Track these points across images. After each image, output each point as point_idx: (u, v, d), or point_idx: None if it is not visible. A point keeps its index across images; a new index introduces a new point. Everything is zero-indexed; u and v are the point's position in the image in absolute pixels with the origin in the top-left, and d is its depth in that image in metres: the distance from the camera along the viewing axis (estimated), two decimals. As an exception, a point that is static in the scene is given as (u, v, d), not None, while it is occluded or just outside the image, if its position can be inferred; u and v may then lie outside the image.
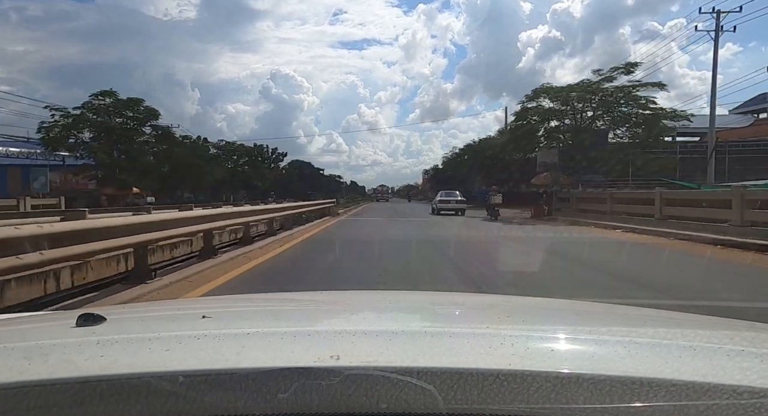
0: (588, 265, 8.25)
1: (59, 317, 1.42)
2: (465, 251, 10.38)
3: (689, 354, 0.78)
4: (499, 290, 5.76)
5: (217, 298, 2.12)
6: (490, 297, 2.03)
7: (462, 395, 0.61)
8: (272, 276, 7.23)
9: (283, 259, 8.87)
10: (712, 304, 4.95)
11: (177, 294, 5.68)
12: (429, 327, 1.13)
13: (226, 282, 6.44)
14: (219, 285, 6.22)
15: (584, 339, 0.93)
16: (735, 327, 1.19)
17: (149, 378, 0.63)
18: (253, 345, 0.80)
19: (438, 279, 6.62)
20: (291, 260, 8.90)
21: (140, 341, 0.83)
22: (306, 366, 0.64)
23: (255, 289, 5.97)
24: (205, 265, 7.61)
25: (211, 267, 7.51)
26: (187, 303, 1.77)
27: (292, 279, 6.86)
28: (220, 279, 6.55)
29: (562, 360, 0.75)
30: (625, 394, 0.62)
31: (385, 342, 0.80)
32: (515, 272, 6.99)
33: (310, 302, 1.58)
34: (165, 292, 5.76)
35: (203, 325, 1.00)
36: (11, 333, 1.06)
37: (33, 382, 0.64)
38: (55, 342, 0.85)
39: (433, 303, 1.57)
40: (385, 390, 0.60)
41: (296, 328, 1.00)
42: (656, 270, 7.75)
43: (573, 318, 1.31)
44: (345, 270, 7.66)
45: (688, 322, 1.28)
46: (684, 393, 0.62)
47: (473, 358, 0.73)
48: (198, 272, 7.02)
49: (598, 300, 1.93)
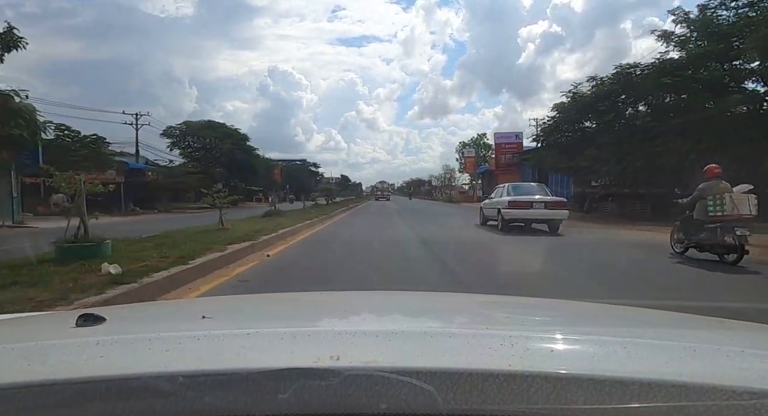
0: None
1: (59, 317, 1.42)
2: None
3: (689, 354, 0.78)
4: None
5: (217, 298, 2.12)
6: (490, 297, 2.03)
7: (462, 395, 0.61)
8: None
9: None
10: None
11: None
12: (429, 327, 1.13)
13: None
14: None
15: (584, 339, 0.93)
16: (735, 328, 1.19)
17: (149, 378, 0.63)
18: (253, 345, 0.79)
19: None
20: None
21: (140, 341, 0.83)
22: (306, 366, 0.64)
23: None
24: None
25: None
26: (187, 303, 1.77)
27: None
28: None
29: (562, 360, 0.75)
30: (625, 394, 0.62)
31: (385, 342, 0.80)
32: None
33: (310, 302, 1.58)
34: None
35: (203, 325, 1.00)
36: (11, 333, 1.06)
37: (33, 382, 0.64)
38: (55, 343, 0.85)
39: (433, 304, 1.57)
40: (385, 391, 0.60)
41: (296, 328, 1.00)
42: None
43: (573, 318, 1.31)
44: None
45: (688, 322, 1.28)
46: (684, 394, 0.62)
47: (473, 358, 0.73)
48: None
49: (597, 301, 1.93)
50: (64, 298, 4.41)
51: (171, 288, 5.64)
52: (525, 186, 16.39)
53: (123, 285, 5.01)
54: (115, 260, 6.12)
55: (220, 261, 7.38)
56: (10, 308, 3.84)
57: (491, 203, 16.05)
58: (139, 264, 6.23)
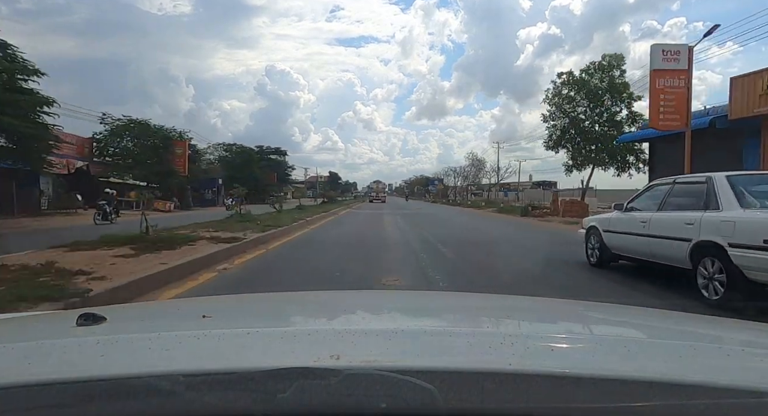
0: None
1: (59, 317, 1.42)
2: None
3: (689, 354, 0.78)
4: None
5: (217, 298, 2.11)
6: (490, 297, 2.03)
7: (462, 394, 0.61)
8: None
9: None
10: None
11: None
12: (429, 326, 1.13)
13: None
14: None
15: (584, 339, 0.93)
16: (735, 327, 1.19)
17: (149, 378, 0.63)
18: (253, 345, 0.80)
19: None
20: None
21: (140, 341, 0.83)
22: (306, 366, 0.64)
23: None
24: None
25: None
26: (187, 303, 1.77)
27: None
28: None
29: (562, 359, 0.75)
30: (625, 394, 0.62)
31: (384, 342, 0.80)
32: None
33: (310, 302, 1.58)
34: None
35: (203, 325, 1.00)
36: (11, 333, 1.06)
37: (33, 382, 0.64)
38: (56, 342, 0.85)
39: (433, 303, 1.57)
40: (385, 390, 0.60)
41: (296, 328, 1.00)
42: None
43: (573, 318, 1.31)
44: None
45: (688, 322, 1.28)
46: (684, 393, 0.62)
47: (473, 358, 0.73)
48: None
49: (597, 301, 1.93)
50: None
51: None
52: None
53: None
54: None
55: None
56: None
57: (658, 222, 6.20)
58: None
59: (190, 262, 6.80)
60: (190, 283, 5.98)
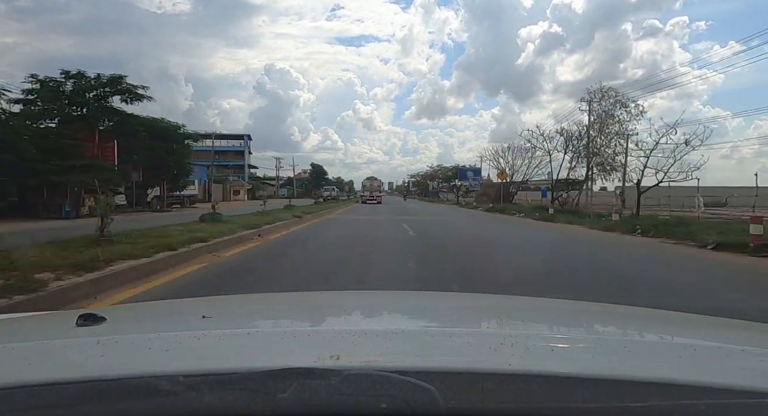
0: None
1: (59, 317, 1.42)
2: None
3: (689, 354, 0.78)
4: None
5: (217, 298, 2.11)
6: (490, 297, 2.03)
7: (462, 395, 0.61)
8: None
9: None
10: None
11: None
12: (429, 326, 1.13)
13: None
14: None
15: (584, 339, 0.93)
16: (735, 327, 1.19)
17: (149, 378, 0.63)
18: (253, 346, 0.80)
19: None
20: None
21: (140, 341, 0.83)
22: (306, 366, 0.64)
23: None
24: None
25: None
26: (187, 303, 1.77)
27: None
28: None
29: (562, 360, 0.75)
30: (625, 394, 0.62)
31: (384, 342, 0.80)
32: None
33: (310, 302, 1.58)
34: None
35: (203, 325, 1.00)
36: (11, 333, 1.06)
37: (33, 382, 0.64)
38: (55, 342, 0.85)
39: (433, 304, 1.57)
40: (385, 390, 0.60)
41: (296, 328, 1.00)
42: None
43: (573, 318, 1.31)
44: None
45: (688, 322, 1.28)
46: (684, 393, 0.62)
47: (473, 358, 0.73)
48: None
49: (596, 301, 1.93)
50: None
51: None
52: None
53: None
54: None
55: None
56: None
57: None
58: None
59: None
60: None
